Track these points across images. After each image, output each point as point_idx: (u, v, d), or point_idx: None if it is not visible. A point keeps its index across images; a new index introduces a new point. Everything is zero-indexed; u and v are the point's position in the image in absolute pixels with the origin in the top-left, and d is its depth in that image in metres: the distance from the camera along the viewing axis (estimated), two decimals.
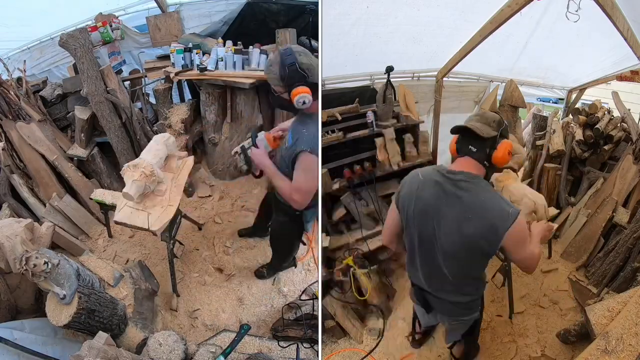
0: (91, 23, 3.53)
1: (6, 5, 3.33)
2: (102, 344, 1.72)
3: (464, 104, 3.87)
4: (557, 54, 3.55)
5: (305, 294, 2.71)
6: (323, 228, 2.96)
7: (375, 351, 2.54)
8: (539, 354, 2.38)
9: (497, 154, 1.49)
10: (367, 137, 3.09)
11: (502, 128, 1.52)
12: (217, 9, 3.85)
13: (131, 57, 4.00)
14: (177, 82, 3.66)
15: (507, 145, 1.50)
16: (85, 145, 3.28)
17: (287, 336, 2.41)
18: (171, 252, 2.52)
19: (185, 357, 1.87)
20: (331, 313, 2.59)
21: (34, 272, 1.83)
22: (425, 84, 3.65)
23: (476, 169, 1.51)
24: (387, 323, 2.71)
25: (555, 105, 4.77)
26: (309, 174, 1.85)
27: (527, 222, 2.25)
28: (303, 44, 3.18)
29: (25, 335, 1.95)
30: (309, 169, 1.84)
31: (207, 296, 2.77)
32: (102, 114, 3.13)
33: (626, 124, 3.50)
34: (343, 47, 2.99)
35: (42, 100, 3.33)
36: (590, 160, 3.55)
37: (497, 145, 1.49)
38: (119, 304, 2.18)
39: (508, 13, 2.74)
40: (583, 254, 2.94)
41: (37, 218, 2.91)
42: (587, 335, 2.05)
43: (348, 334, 2.62)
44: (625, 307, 1.85)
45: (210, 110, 3.43)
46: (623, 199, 2.93)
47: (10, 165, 3.00)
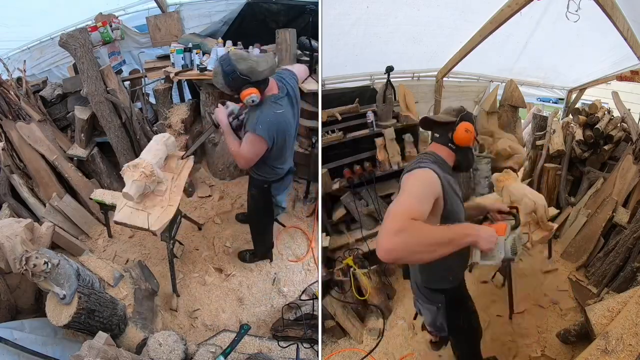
0: (91, 23, 3.52)
1: (6, 5, 3.32)
2: (102, 344, 1.72)
3: (464, 104, 3.86)
4: (557, 54, 3.55)
5: (305, 294, 2.71)
6: (323, 228, 2.96)
7: (375, 351, 2.54)
8: (539, 354, 2.38)
9: (456, 134, 1.69)
10: (367, 137, 3.10)
11: (462, 114, 1.72)
12: (217, 9, 3.84)
13: (131, 57, 4.00)
14: (177, 82, 3.66)
15: (465, 125, 1.68)
16: (85, 145, 3.28)
17: (287, 336, 2.41)
18: (171, 252, 2.52)
19: (185, 357, 1.87)
20: (331, 313, 2.59)
21: (34, 272, 1.83)
22: (425, 84, 3.65)
23: (444, 151, 1.71)
24: (387, 323, 2.71)
25: (555, 105, 4.77)
26: (250, 146, 2.15)
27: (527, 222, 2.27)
28: (303, 44, 3.18)
29: (25, 335, 1.95)
30: (250, 143, 2.14)
31: (207, 296, 2.77)
32: (102, 114, 3.13)
33: (626, 124, 3.50)
34: (343, 47, 2.99)
35: (42, 100, 3.33)
36: (590, 160, 3.55)
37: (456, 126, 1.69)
38: (119, 304, 2.18)
39: (508, 13, 2.75)
40: (583, 254, 2.94)
41: (37, 218, 2.90)
42: (587, 335, 2.05)
43: (348, 334, 2.62)
44: (625, 307, 1.85)
45: (210, 110, 3.43)
46: (623, 199, 2.93)
47: (10, 165, 3.00)
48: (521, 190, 2.35)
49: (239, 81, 2.00)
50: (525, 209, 2.26)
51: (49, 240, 2.46)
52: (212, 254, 3.03)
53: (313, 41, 3.07)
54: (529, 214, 2.29)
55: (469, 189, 3.34)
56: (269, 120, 2.09)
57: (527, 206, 2.26)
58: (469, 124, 1.70)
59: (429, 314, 2.03)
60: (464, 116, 1.72)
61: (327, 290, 2.69)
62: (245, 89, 2.02)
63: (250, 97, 2.03)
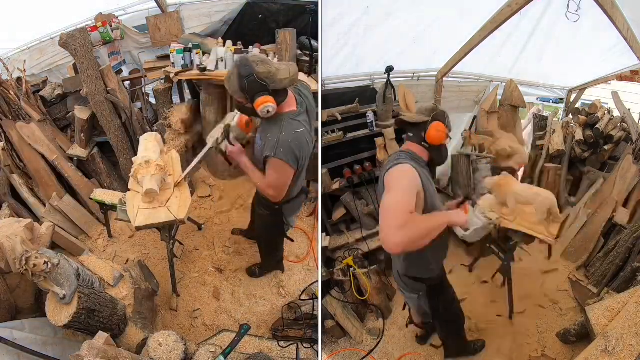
0: (91, 23, 3.52)
1: (6, 5, 3.33)
2: (102, 344, 1.72)
3: (464, 104, 3.87)
4: (557, 54, 3.55)
5: (305, 294, 2.71)
6: (323, 228, 2.97)
7: (375, 351, 2.54)
8: (539, 354, 2.38)
9: (428, 133, 1.76)
10: (367, 137, 3.10)
11: (434, 113, 1.78)
12: (217, 9, 3.84)
13: (131, 57, 4.00)
14: (177, 82, 3.66)
15: (437, 125, 1.75)
16: (85, 145, 3.28)
17: (287, 336, 2.41)
18: (171, 252, 2.51)
19: (185, 357, 1.87)
20: (331, 313, 2.59)
21: (34, 272, 1.83)
22: (425, 84, 3.65)
23: (418, 149, 1.80)
24: (387, 323, 2.71)
25: (555, 105, 4.77)
26: (278, 173, 1.95)
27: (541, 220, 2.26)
28: (303, 44, 3.18)
29: (25, 335, 1.95)
30: (276, 169, 1.93)
31: (207, 296, 2.76)
32: (102, 114, 3.13)
33: (626, 124, 3.50)
34: (343, 47, 2.99)
35: (42, 100, 3.33)
36: (590, 160, 3.56)
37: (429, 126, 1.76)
38: (119, 304, 2.18)
39: (508, 13, 2.75)
40: (583, 254, 2.94)
41: (37, 218, 2.91)
42: (587, 335, 2.06)
43: (348, 334, 2.62)
44: (625, 307, 1.86)
45: (210, 110, 3.43)
46: (623, 199, 2.93)
47: (10, 165, 3.00)
48: (529, 191, 2.32)
49: (255, 86, 1.78)
50: (542, 207, 2.24)
51: (49, 240, 2.46)
52: (212, 254, 3.03)
53: (313, 41, 3.07)
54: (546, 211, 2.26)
55: (469, 189, 3.34)
56: (290, 141, 1.86)
57: (543, 204, 2.24)
58: (440, 123, 1.76)
59: (411, 302, 2.19)
60: (435, 116, 1.78)
61: (327, 290, 2.68)
62: (260, 97, 1.78)
63: (266, 107, 1.79)
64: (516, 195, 2.29)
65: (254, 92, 1.79)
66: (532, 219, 2.31)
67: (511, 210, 2.36)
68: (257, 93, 1.79)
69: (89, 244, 3.03)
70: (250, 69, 1.77)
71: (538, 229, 2.35)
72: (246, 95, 1.82)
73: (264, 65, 1.79)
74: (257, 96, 1.79)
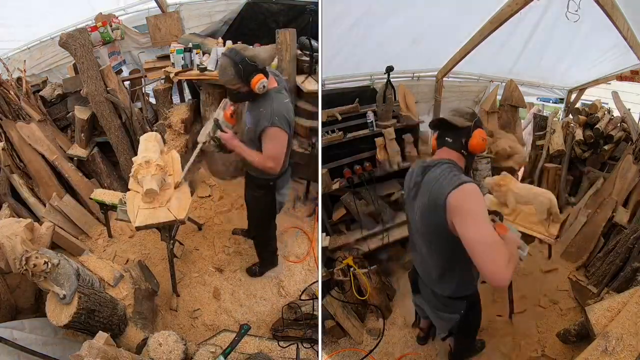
0: (91, 23, 3.53)
1: (6, 5, 3.33)
2: (102, 344, 1.72)
3: (464, 104, 3.87)
4: (557, 54, 3.56)
5: (305, 294, 2.71)
6: (323, 228, 2.97)
7: (375, 351, 2.54)
8: (539, 354, 2.38)
9: (473, 141, 1.63)
10: (367, 137, 3.10)
11: (475, 119, 1.66)
12: (217, 9, 3.85)
13: (131, 57, 4.01)
14: (177, 82, 3.66)
15: (480, 133, 1.64)
16: (85, 145, 3.28)
17: (287, 336, 2.41)
18: (171, 252, 2.52)
19: (185, 357, 1.87)
20: (331, 313, 2.59)
21: (34, 272, 1.83)
22: (425, 84, 3.65)
23: (455, 157, 1.63)
24: (387, 323, 2.71)
25: (555, 105, 4.77)
26: (275, 141, 2.13)
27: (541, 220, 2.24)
28: (303, 44, 3.18)
29: (25, 335, 1.95)
30: (274, 138, 2.12)
31: (207, 296, 2.76)
32: (102, 114, 3.13)
33: (626, 124, 3.50)
34: (343, 47, 2.99)
35: (42, 100, 3.33)
36: (590, 160, 3.56)
37: (472, 133, 1.63)
38: (119, 304, 2.18)
39: (508, 13, 2.75)
40: (583, 254, 2.94)
41: (37, 218, 2.91)
42: (587, 335, 2.06)
43: (348, 334, 2.62)
44: (625, 307, 1.86)
45: (210, 110, 3.43)
46: (623, 199, 2.93)
47: (10, 165, 3.00)
48: (529, 191, 2.32)
49: (249, 68, 2.02)
50: (542, 207, 2.24)
51: (49, 240, 2.46)
52: (212, 254, 3.03)
53: (313, 41, 3.07)
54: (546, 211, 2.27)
55: None
56: (282, 109, 2.11)
57: (543, 204, 2.24)
58: (483, 131, 1.65)
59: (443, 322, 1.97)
60: (477, 122, 1.65)
61: (327, 290, 2.68)
62: (254, 76, 2.03)
63: (262, 83, 2.04)
64: (516, 195, 2.29)
65: (248, 73, 2.03)
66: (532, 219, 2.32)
67: (511, 210, 2.37)
68: (251, 73, 2.03)
69: (89, 244, 3.03)
70: (240, 55, 2.02)
71: (538, 229, 2.36)
72: (242, 78, 2.04)
73: (248, 50, 2.06)
74: (252, 76, 2.03)
